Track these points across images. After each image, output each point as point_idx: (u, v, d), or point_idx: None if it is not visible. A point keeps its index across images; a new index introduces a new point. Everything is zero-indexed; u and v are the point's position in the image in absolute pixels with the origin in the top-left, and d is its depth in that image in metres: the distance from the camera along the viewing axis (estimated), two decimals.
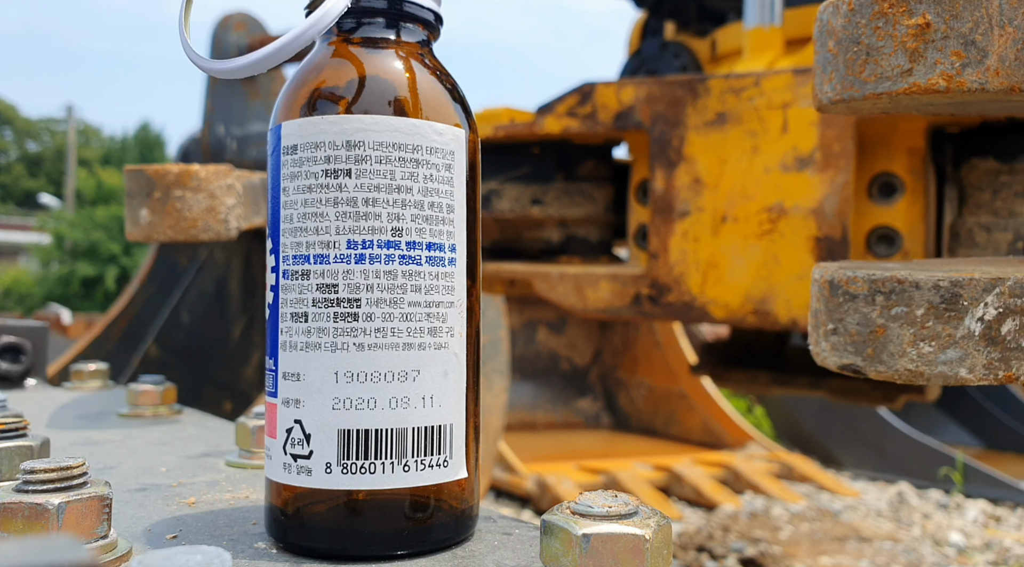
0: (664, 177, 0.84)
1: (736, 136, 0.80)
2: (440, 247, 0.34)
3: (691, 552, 1.52)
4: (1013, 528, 1.74)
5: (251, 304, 1.63)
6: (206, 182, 0.71)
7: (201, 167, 0.71)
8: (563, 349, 2.72)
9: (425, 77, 0.36)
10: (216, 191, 0.71)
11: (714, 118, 0.81)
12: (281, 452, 0.34)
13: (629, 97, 0.85)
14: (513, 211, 0.95)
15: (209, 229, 0.71)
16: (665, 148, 0.84)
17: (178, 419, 0.68)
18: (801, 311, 0.77)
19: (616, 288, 0.86)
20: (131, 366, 1.58)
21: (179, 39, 0.35)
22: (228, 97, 1.56)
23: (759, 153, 0.79)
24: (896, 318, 0.38)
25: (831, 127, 0.75)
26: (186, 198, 0.70)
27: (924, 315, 0.38)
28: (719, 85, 0.81)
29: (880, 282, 0.38)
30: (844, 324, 0.38)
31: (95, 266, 10.49)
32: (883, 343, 0.38)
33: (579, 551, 0.29)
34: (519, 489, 1.89)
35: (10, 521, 0.31)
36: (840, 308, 0.38)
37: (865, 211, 0.77)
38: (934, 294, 0.37)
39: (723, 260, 0.81)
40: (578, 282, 0.88)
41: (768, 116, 0.79)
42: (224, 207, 0.72)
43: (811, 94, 0.75)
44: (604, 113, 0.87)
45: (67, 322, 4.91)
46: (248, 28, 1.60)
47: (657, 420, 2.59)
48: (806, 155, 0.77)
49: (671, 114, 0.83)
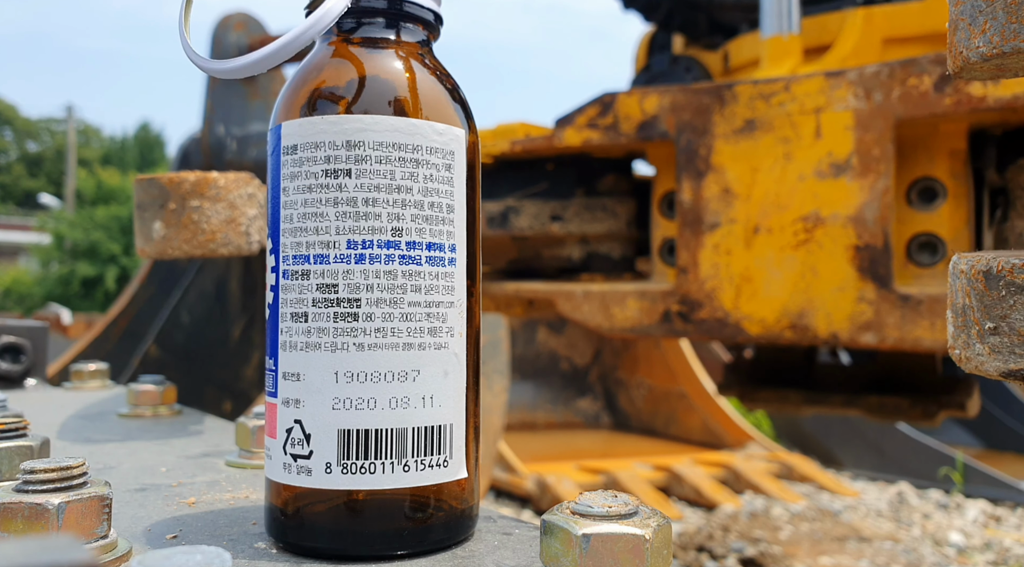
0: (692, 188, 0.81)
1: (767, 143, 0.78)
2: (440, 247, 0.34)
3: (691, 552, 1.52)
4: (1013, 528, 1.74)
5: (251, 304, 1.63)
6: (226, 191, 0.65)
7: (220, 175, 0.66)
8: (563, 349, 2.72)
9: (425, 77, 0.36)
10: (237, 201, 0.66)
11: (743, 125, 0.79)
12: (281, 452, 0.34)
13: (653, 106, 0.83)
14: (532, 228, 0.92)
15: (229, 243, 0.65)
16: (692, 158, 0.81)
17: (178, 419, 0.68)
18: (842, 324, 0.74)
19: (644, 306, 0.83)
20: (131, 366, 1.58)
21: (179, 39, 0.35)
22: (228, 97, 1.56)
23: (792, 160, 0.77)
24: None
25: (869, 131, 0.73)
26: (204, 209, 0.64)
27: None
28: (747, 91, 0.79)
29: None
30: (1009, 322, 0.33)
31: (95, 266, 10.49)
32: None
33: (579, 551, 0.29)
34: (519, 489, 1.89)
35: (10, 521, 0.31)
36: (1003, 302, 0.33)
37: (905, 218, 0.75)
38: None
39: (757, 273, 0.78)
40: (604, 300, 0.85)
41: (800, 122, 0.76)
42: (245, 218, 0.66)
43: (844, 98, 0.74)
44: (627, 124, 0.84)
45: (67, 322, 4.91)
46: (248, 28, 1.60)
47: (657, 420, 2.59)
48: (842, 161, 0.74)
49: (698, 122, 0.81)
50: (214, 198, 0.65)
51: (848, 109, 0.74)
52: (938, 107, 0.69)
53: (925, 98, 0.70)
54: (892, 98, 0.72)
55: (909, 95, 0.71)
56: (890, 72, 0.72)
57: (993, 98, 0.67)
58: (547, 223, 0.92)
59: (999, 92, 0.67)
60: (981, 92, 0.67)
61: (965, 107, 0.68)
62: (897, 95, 0.71)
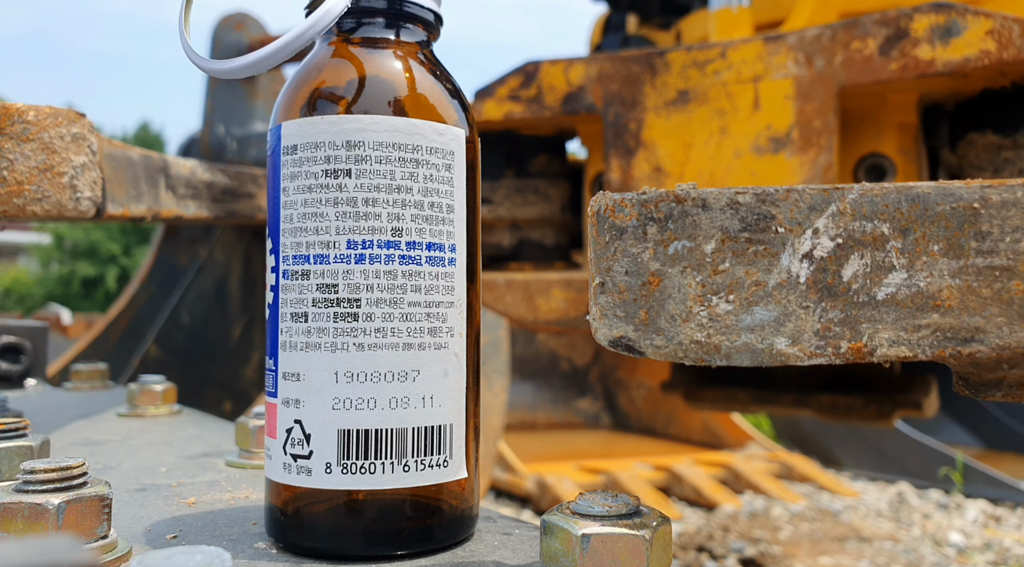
0: (621, 167, 0.74)
1: (701, 116, 0.71)
2: (440, 247, 0.34)
3: (691, 552, 1.52)
4: (1013, 528, 1.74)
5: (251, 304, 1.63)
6: (39, 129, 0.50)
7: (30, 107, 0.51)
8: (563, 349, 2.72)
9: (425, 77, 0.36)
10: (55, 143, 0.50)
11: (676, 97, 0.72)
12: (281, 452, 0.34)
13: (579, 76, 0.75)
14: None
15: (45, 198, 0.50)
16: (621, 133, 0.73)
17: (178, 419, 0.68)
18: None
19: (571, 296, 0.76)
20: (131, 366, 1.58)
21: (179, 39, 0.35)
22: (228, 97, 1.56)
23: (728, 134, 0.70)
24: (676, 259, 0.25)
25: (809, 101, 0.67)
26: (5, 151, 0.49)
27: (717, 252, 0.25)
28: (680, 58, 0.71)
29: (651, 204, 0.26)
30: (612, 275, 0.26)
31: (95, 266, 10.49)
32: (659, 300, 0.26)
33: (579, 551, 0.29)
34: (519, 489, 1.89)
35: (10, 521, 0.31)
36: (607, 251, 0.27)
37: None
38: (730, 217, 0.25)
39: None
40: (528, 290, 0.78)
41: (737, 91, 0.69)
42: (69, 167, 0.51)
43: (784, 64, 0.68)
44: (551, 96, 0.76)
45: (67, 322, 4.90)
46: (248, 28, 1.60)
47: (657, 420, 2.59)
48: (782, 134, 0.68)
49: (627, 94, 0.73)
50: (19, 136, 0.50)
51: (788, 77, 0.68)
52: (883, 72, 0.64)
53: (870, 63, 0.64)
54: (835, 64, 0.66)
55: (852, 60, 0.65)
56: (832, 35, 0.66)
57: (942, 61, 0.62)
58: None
59: (948, 54, 0.62)
60: (929, 55, 0.62)
61: (912, 72, 0.63)
62: (840, 60, 0.65)
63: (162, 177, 0.66)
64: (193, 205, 0.71)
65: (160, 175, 0.66)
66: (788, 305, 0.25)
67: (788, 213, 0.25)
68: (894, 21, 0.64)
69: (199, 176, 0.71)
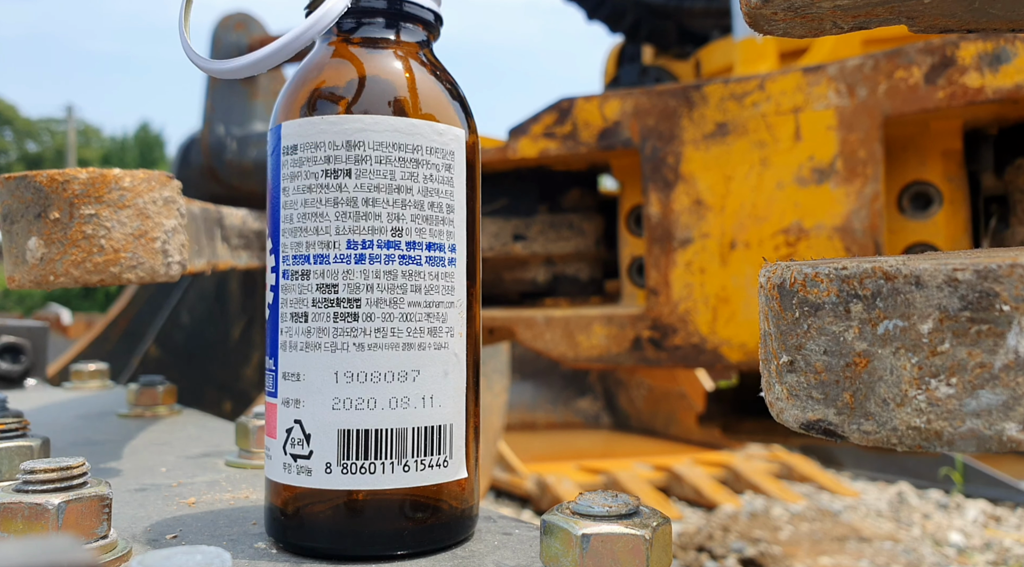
0: (660, 201, 0.73)
1: (741, 148, 0.71)
2: (440, 247, 0.34)
3: (691, 552, 1.52)
4: (1013, 528, 1.74)
5: (251, 304, 1.63)
6: (134, 194, 0.48)
7: (125, 173, 0.49)
8: None
9: (425, 77, 0.36)
10: (149, 208, 0.49)
11: (714, 129, 0.72)
12: (281, 452, 0.34)
13: (614, 112, 0.75)
14: (493, 249, 0.83)
15: (139, 265, 0.48)
16: (659, 167, 0.74)
17: (178, 419, 0.68)
18: None
19: (612, 332, 0.75)
20: (131, 366, 1.58)
21: (179, 39, 0.35)
22: (228, 97, 1.56)
23: (769, 166, 0.70)
24: (887, 339, 0.23)
25: (853, 131, 0.66)
26: (102, 218, 0.47)
27: (935, 332, 0.23)
28: (718, 91, 0.72)
29: (855, 280, 0.23)
30: (804, 354, 0.24)
31: None
32: (868, 383, 0.23)
33: (579, 551, 0.29)
34: (519, 489, 1.89)
35: (10, 521, 0.31)
36: (797, 327, 0.24)
37: (897, 227, 0.68)
38: (949, 295, 0.22)
39: (735, 293, 0.71)
40: (568, 327, 0.77)
41: (777, 123, 0.69)
42: (161, 231, 0.49)
43: (825, 95, 0.68)
44: (586, 132, 0.76)
45: (67, 322, 4.91)
46: (248, 28, 1.60)
47: (657, 420, 2.59)
48: (826, 165, 0.67)
49: (664, 128, 0.74)
50: (116, 204, 0.48)
51: (829, 107, 0.68)
52: (930, 101, 0.63)
53: (915, 91, 0.64)
54: (878, 93, 0.65)
55: (897, 89, 0.65)
56: (875, 64, 0.66)
57: (992, 88, 0.61)
58: (509, 243, 0.84)
59: (998, 81, 0.61)
60: (979, 82, 0.62)
61: (960, 100, 0.62)
62: (884, 90, 0.65)
63: (218, 229, 0.63)
64: (245, 255, 0.67)
65: (216, 227, 0.63)
66: (1017, 388, 0.22)
67: (1013, 290, 0.22)
68: (939, 49, 0.63)
69: (249, 225, 0.69)
